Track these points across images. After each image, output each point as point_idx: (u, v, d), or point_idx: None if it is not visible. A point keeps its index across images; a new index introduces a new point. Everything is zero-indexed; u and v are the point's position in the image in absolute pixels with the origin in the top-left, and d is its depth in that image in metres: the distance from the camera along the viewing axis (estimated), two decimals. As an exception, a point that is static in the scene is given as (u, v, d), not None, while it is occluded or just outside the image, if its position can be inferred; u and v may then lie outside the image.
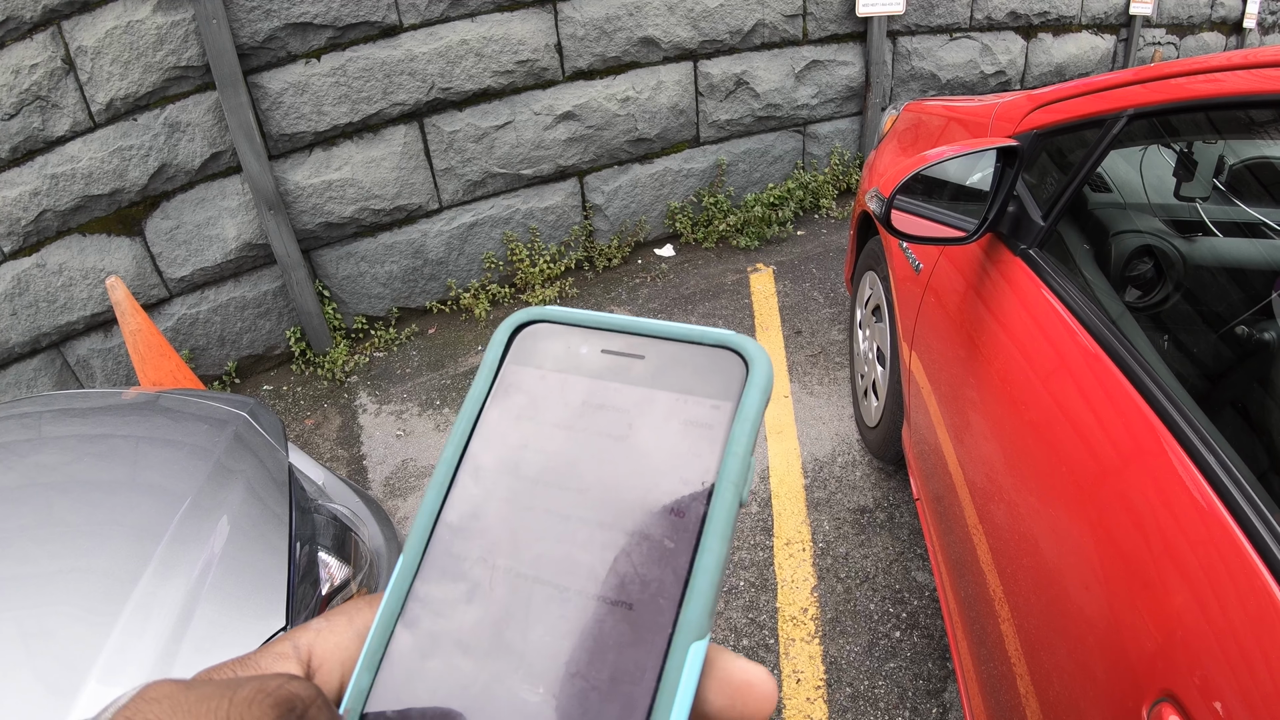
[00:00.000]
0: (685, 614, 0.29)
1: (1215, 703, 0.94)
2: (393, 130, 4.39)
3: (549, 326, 0.37)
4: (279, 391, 4.39)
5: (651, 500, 0.32)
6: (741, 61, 5.22)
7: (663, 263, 5.31)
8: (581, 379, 0.35)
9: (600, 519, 0.32)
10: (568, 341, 0.36)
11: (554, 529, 0.32)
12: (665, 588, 0.30)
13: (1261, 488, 1.06)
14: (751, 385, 0.33)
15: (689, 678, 0.28)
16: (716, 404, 0.33)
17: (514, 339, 0.37)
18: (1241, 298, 1.60)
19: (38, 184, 3.66)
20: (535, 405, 0.35)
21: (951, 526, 2.01)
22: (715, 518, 0.31)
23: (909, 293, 2.55)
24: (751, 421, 0.32)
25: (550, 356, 0.36)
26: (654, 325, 0.35)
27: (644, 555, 0.31)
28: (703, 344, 0.34)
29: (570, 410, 0.35)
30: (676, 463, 0.32)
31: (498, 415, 0.36)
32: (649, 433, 0.33)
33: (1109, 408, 1.38)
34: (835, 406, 3.76)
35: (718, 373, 0.34)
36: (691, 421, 0.33)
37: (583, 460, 0.33)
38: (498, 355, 0.37)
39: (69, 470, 1.71)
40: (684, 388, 0.34)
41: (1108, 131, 1.68)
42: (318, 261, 4.49)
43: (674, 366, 0.34)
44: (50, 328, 3.89)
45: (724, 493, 0.31)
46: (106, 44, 3.59)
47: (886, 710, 2.38)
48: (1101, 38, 6.61)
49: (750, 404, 0.33)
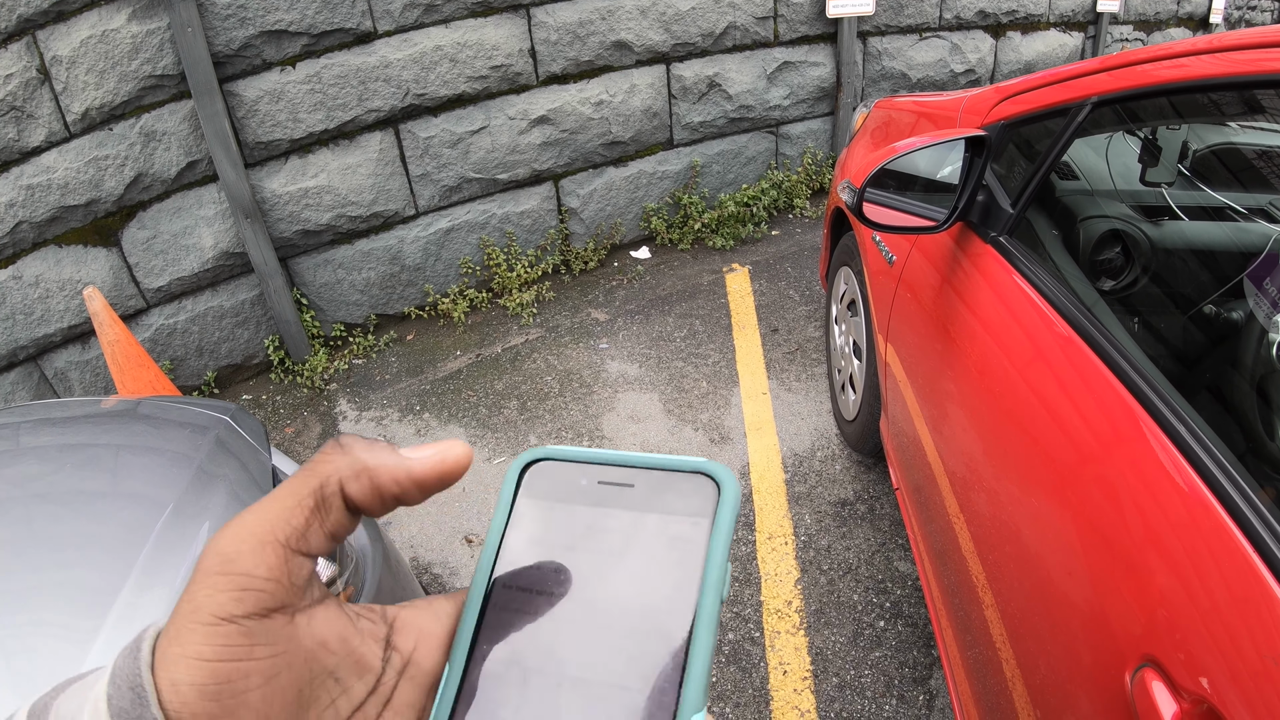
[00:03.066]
0: (686, 693, 0.35)
1: (1201, 679, 0.95)
2: (368, 137, 4.39)
3: (552, 464, 0.43)
4: (258, 400, 4.38)
5: (649, 604, 0.37)
6: (714, 64, 5.25)
7: (639, 265, 5.32)
8: (584, 508, 0.41)
9: (608, 623, 0.38)
10: (570, 475, 0.42)
11: (572, 634, 0.38)
12: (667, 674, 0.36)
13: (1243, 468, 1.07)
14: (723, 504, 0.39)
15: None
16: (695, 521, 0.39)
17: (524, 476, 0.43)
18: (1209, 279, 1.63)
19: (13, 195, 3.63)
20: (547, 532, 0.41)
21: (932, 516, 2.03)
22: (703, 614, 0.36)
23: (883, 285, 2.58)
24: (725, 534, 0.38)
25: (557, 490, 0.42)
26: (640, 458, 0.42)
27: (647, 650, 0.36)
28: (681, 470, 0.40)
29: (576, 534, 0.40)
30: (666, 572, 0.38)
31: (516, 541, 0.41)
32: (642, 549, 0.39)
33: (1084, 392, 1.40)
34: (813, 402, 3.79)
35: (695, 494, 0.40)
36: (676, 537, 0.39)
37: (590, 575, 0.39)
38: (511, 490, 0.43)
39: (48, 480, 1.68)
40: (668, 509, 0.40)
41: (1072, 120, 1.71)
42: (295, 269, 4.48)
43: (659, 491, 0.40)
44: (27, 340, 3.86)
45: (708, 593, 0.37)
46: (81, 53, 3.57)
47: (874, 699, 2.40)
48: (1069, 35, 6.68)
49: (723, 519, 0.39)
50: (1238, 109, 1.55)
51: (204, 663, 0.31)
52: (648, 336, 4.51)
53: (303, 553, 0.35)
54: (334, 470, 0.36)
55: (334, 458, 0.37)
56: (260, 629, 0.32)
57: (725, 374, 4.10)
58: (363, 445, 0.38)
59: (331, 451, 0.37)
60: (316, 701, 0.35)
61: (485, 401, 4.10)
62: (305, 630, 0.35)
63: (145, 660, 0.31)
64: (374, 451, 0.37)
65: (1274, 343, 1.22)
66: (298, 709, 0.34)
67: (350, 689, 0.37)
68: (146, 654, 0.32)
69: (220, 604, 0.32)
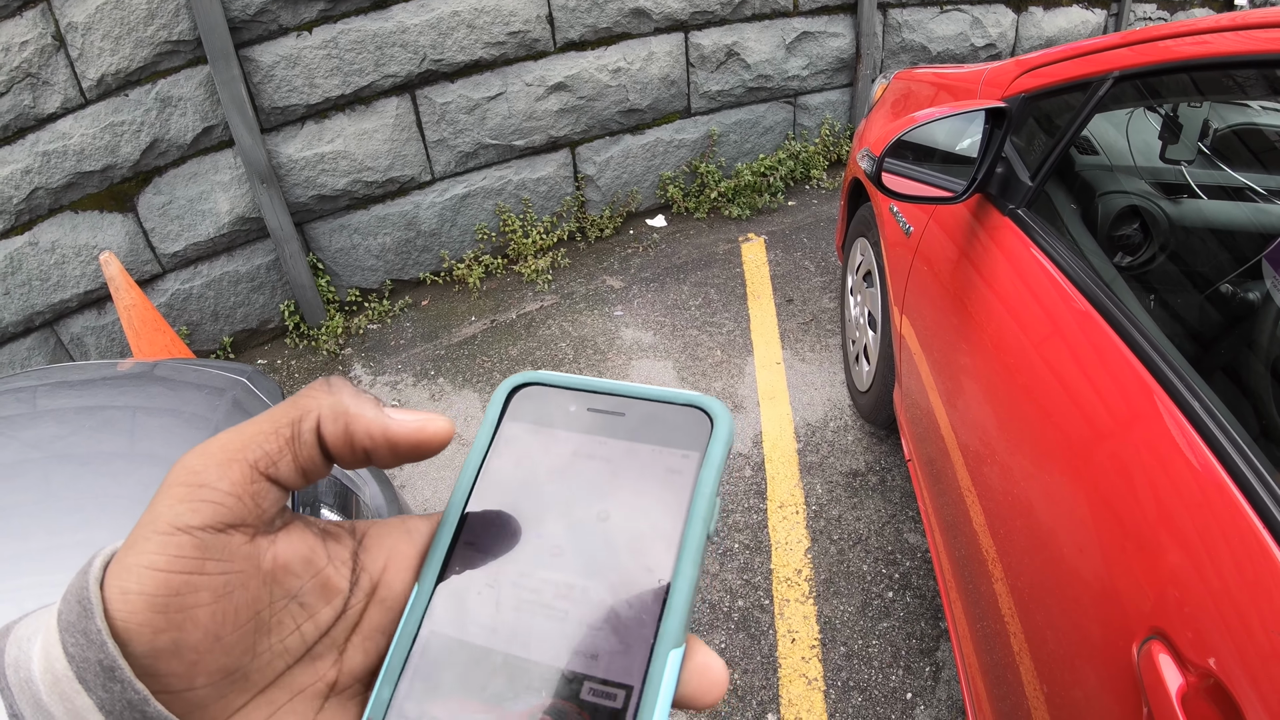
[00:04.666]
0: (665, 626, 0.34)
1: (1209, 656, 0.96)
2: (385, 102, 4.37)
3: (541, 389, 0.42)
4: (273, 365, 4.40)
5: (632, 535, 0.37)
6: (732, 33, 5.20)
7: (655, 233, 5.31)
8: (571, 434, 0.40)
9: (590, 550, 0.37)
10: (559, 401, 0.41)
11: (551, 559, 0.37)
12: (647, 606, 0.35)
13: (1257, 448, 1.07)
14: (715, 438, 0.38)
15: (669, 679, 0.34)
16: (686, 454, 0.38)
17: (510, 400, 0.42)
18: (1227, 259, 1.62)
19: (29, 162, 3.64)
20: (532, 456, 0.40)
21: (944, 489, 2.04)
22: (687, 548, 0.36)
23: (899, 257, 2.57)
24: (715, 468, 0.37)
25: (544, 414, 0.41)
26: (633, 388, 0.41)
27: (628, 580, 0.36)
28: (674, 403, 0.40)
29: (563, 459, 0.40)
30: (653, 503, 0.37)
31: (499, 464, 0.40)
32: (629, 478, 0.38)
33: (1100, 368, 1.40)
34: (827, 373, 3.79)
35: (687, 427, 0.39)
36: (665, 468, 0.38)
37: (575, 502, 0.38)
38: (497, 413, 0.42)
39: (66, 443, 1.70)
40: (659, 440, 0.39)
41: (1093, 94, 1.69)
42: (311, 234, 4.48)
43: (650, 423, 0.39)
44: (44, 306, 3.88)
45: (694, 528, 0.36)
46: (97, 19, 3.56)
47: (880, 669, 2.42)
48: (1092, 12, 6.59)
49: (714, 453, 0.38)
50: (1260, 88, 1.53)
51: (154, 572, 0.31)
52: (663, 304, 4.51)
53: (271, 478, 0.34)
54: (315, 407, 0.36)
55: (319, 395, 0.37)
56: (215, 543, 0.32)
57: (740, 343, 4.10)
58: (349, 391, 0.37)
59: (318, 388, 0.37)
60: (280, 626, 0.35)
61: (500, 367, 4.11)
62: (266, 551, 0.34)
63: (95, 575, 0.31)
64: (358, 400, 0.37)
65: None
66: (254, 630, 0.34)
67: (317, 614, 0.36)
68: (97, 568, 0.31)
69: (178, 514, 0.32)
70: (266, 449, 0.34)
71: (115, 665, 0.29)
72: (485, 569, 0.38)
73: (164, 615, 0.31)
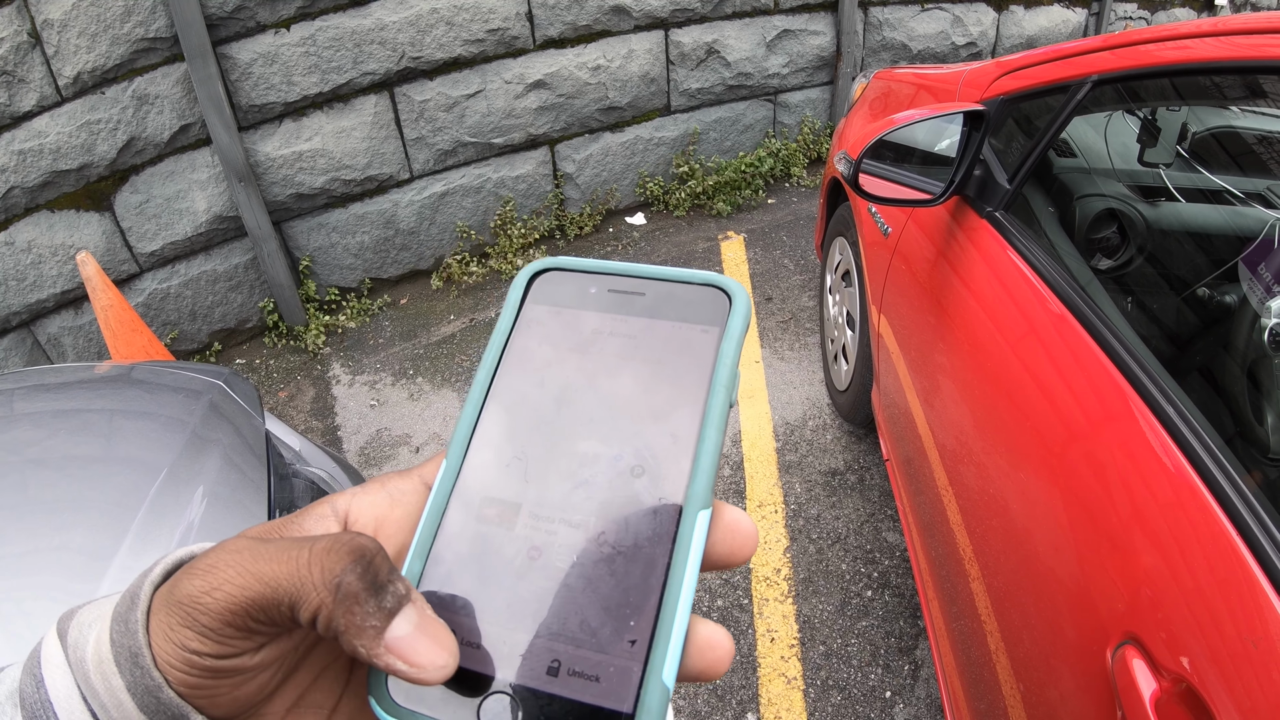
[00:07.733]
0: (693, 489, 0.36)
1: (1182, 658, 0.97)
2: (363, 100, 4.35)
3: (561, 274, 0.43)
4: (252, 365, 4.38)
5: (659, 404, 0.38)
6: (713, 30, 5.20)
7: (634, 231, 5.31)
8: (593, 313, 0.41)
9: (617, 420, 0.38)
10: (579, 284, 0.42)
11: (579, 430, 0.38)
12: (674, 470, 0.36)
13: (1230, 451, 1.08)
14: (735, 312, 0.39)
15: (698, 540, 0.35)
16: (706, 329, 0.39)
17: (532, 284, 0.43)
18: (1204, 262, 1.63)
19: (4, 160, 3.60)
20: (554, 334, 0.41)
21: (922, 488, 2.05)
22: (711, 415, 0.37)
23: (878, 257, 2.58)
24: (736, 340, 0.39)
25: (565, 296, 0.42)
26: (651, 269, 0.42)
27: (655, 446, 0.37)
28: (692, 283, 0.41)
29: (585, 337, 0.41)
30: (676, 374, 0.39)
31: (522, 344, 0.41)
32: (651, 351, 0.40)
33: (1075, 370, 1.41)
34: (806, 371, 3.80)
35: (706, 304, 0.40)
36: (687, 342, 0.39)
37: (599, 375, 0.40)
38: (519, 296, 0.43)
39: (43, 446, 1.68)
40: (679, 317, 0.40)
41: (1073, 97, 1.70)
42: (289, 233, 4.46)
43: (670, 301, 0.41)
44: (20, 306, 3.84)
45: (717, 394, 0.37)
46: (73, 16, 3.53)
47: (860, 667, 2.43)
48: (1073, 11, 6.62)
49: (734, 326, 0.39)
50: (1239, 93, 1.55)
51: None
52: (642, 304, 4.49)
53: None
54: (318, 602, 0.32)
55: (323, 593, 0.32)
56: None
57: (719, 343, 4.09)
58: (360, 599, 0.32)
59: (327, 583, 0.32)
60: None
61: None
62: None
63: (153, 577, 0.35)
64: (364, 614, 0.32)
65: (1266, 328, 1.23)
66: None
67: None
68: (157, 573, 0.35)
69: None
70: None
71: (140, 653, 0.33)
72: (513, 442, 0.39)
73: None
